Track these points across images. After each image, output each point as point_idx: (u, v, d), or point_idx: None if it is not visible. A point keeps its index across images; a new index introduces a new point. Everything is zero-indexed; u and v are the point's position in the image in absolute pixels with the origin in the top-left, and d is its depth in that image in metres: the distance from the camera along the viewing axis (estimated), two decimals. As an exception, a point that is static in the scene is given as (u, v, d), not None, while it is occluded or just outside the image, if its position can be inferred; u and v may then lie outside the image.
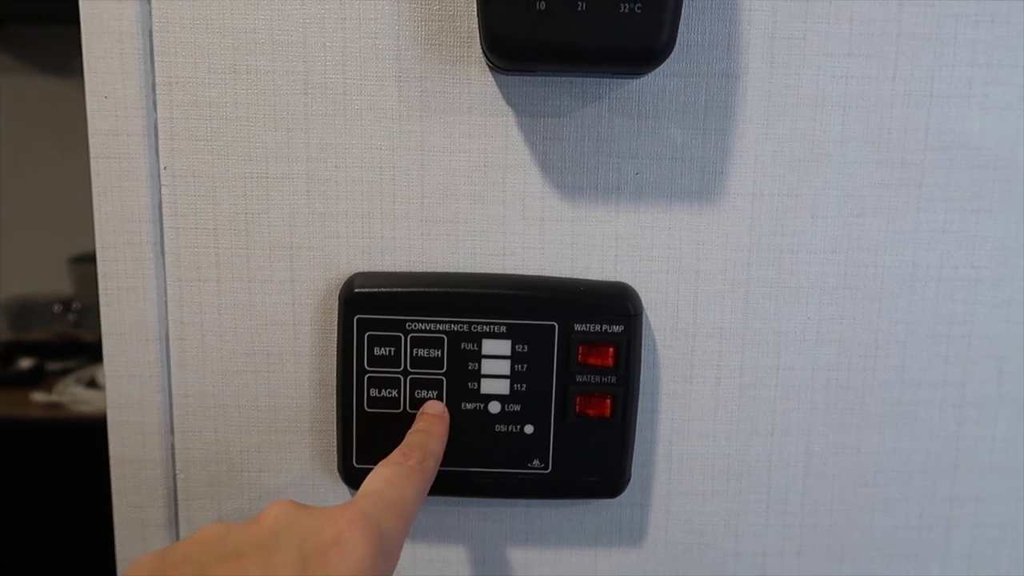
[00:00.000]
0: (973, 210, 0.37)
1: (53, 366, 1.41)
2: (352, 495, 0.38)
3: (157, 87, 0.35)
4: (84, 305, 1.49)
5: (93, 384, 1.34)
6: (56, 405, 1.30)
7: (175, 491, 0.39)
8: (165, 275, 0.37)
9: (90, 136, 0.35)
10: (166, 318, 0.37)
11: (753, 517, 0.39)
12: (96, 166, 0.36)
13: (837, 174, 0.36)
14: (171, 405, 0.38)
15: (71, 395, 1.31)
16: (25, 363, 1.40)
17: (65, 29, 1.58)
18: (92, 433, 1.25)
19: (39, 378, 1.37)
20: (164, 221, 0.36)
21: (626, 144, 0.36)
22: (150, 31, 0.35)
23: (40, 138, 1.68)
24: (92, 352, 1.44)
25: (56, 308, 1.49)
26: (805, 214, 0.37)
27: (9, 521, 1.30)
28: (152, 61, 0.35)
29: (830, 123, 0.36)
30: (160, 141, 0.36)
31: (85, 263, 1.50)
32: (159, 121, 0.36)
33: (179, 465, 0.38)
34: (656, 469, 0.39)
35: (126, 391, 0.37)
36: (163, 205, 0.36)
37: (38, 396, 1.31)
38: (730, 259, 0.37)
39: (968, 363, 0.38)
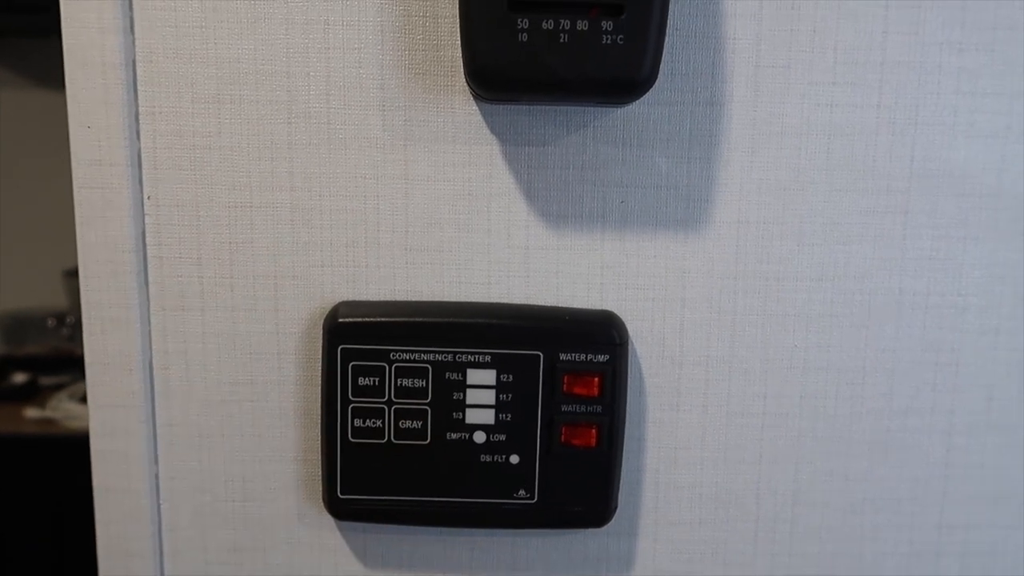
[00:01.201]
0: (959, 238, 0.37)
1: (47, 380, 1.41)
2: (337, 525, 0.38)
3: (140, 117, 0.35)
4: (78, 319, 1.49)
5: (86, 399, 1.34)
6: (49, 421, 1.30)
7: (160, 521, 0.38)
8: (149, 304, 0.37)
9: (73, 166, 0.35)
10: (150, 347, 0.37)
11: (741, 545, 0.39)
12: (79, 196, 0.35)
13: (823, 202, 0.36)
14: (155, 435, 0.37)
15: (64, 411, 1.31)
16: (19, 378, 1.40)
17: (60, 43, 1.59)
18: (85, 449, 1.25)
19: (33, 393, 1.37)
20: (148, 250, 0.36)
21: (611, 172, 0.36)
22: (133, 61, 0.35)
23: (36, 151, 1.68)
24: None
25: (50, 322, 1.49)
26: (791, 242, 0.37)
27: (2, 536, 1.30)
28: (135, 91, 0.35)
29: (815, 151, 0.36)
30: (144, 171, 0.36)
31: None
32: (142, 151, 0.35)
33: (163, 495, 0.38)
34: (643, 498, 0.38)
35: (110, 420, 0.37)
36: (147, 234, 0.36)
37: (31, 412, 1.31)
38: (716, 287, 0.37)
39: (956, 391, 0.38)
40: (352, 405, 0.35)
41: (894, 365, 0.38)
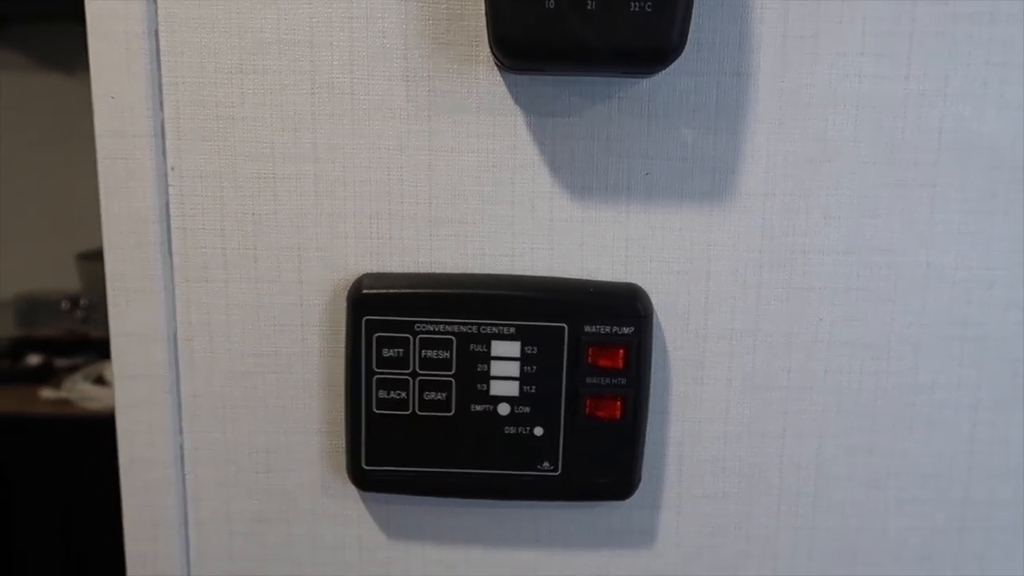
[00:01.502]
0: (988, 211, 0.36)
1: (61, 363, 1.42)
2: (360, 496, 0.38)
3: (164, 87, 0.35)
4: (91, 301, 1.50)
5: (101, 381, 1.35)
6: (64, 402, 1.31)
7: (184, 492, 0.38)
8: (173, 276, 0.37)
9: (97, 137, 0.35)
10: (174, 319, 0.37)
11: (764, 519, 0.39)
12: (103, 167, 0.35)
13: (850, 174, 0.36)
14: (180, 406, 0.38)
15: (79, 392, 1.32)
16: (33, 359, 1.41)
17: (70, 27, 1.59)
18: (100, 430, 1.26)
19: (47, 375, 1.38)
20: (172, 222, 0.36)
21: (636, 144, 0.36)
22: (156, 31, 0.35)
23: (47, 135, 1.68)
24: (100, 349, 1.45)
25: (64, 305, 1.49)
26: (817, 215, 0.36)
27: (17, 517, 1.31)
28: (158, 61, 0.35)
29: (842, 123, 0.36)
30: (167, 141, 0.35)
31: (92, 260, 1.50)
32: (166, 121, 0.35)
33: (188, 466, 0.38)
34: (667, 471, 0.38)
35: (135, 392, 0.37)
36: (170, 206, 0.36)
37: (47, 393, 1.32)
38: (741, 260, 0.37)
39: (983, 365, 0.38)
40: (376, 376, 0.35)
41: (920, 339, 0.37)
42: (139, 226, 0.36)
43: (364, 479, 0.37)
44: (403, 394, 0.36)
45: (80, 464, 1.26)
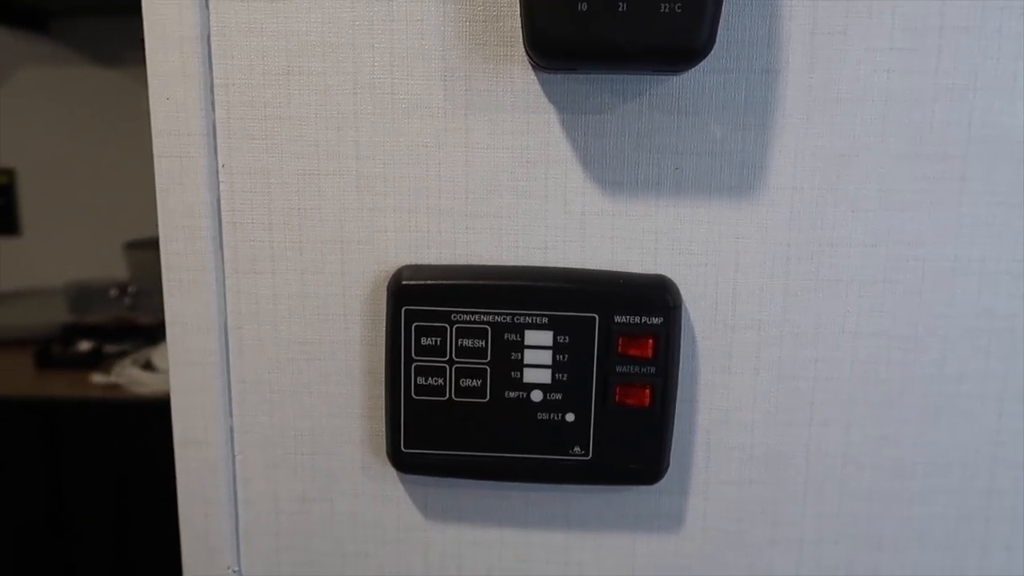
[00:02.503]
0: (1017, 204, 0.37)
1: (110, 349, 1.47)
2: (399, 478, 0.40)
3: (215, 88, 0.37)
4: (139, 289, 1.55)
5: (149, 366, 1.39)
6: (114, 386, 1.35)
7: (234, 471, 0.41)
8: (224, 267, 0.39)
9: (153, 136, 0.37)
10: (225, 308, 0.39)
11: (790, 506, 0.40)
12: (159, 164, 0.38)
13: (878, 168, 0.37)
14: (230, 391, 0.40)
15: (128, 376, 1.36)
16: (84, 345, 1.46)
17: (118, 21, 1.63)
18: (150, 413, 1.30)
19: (97, 360, 1.43)
20: (222, 216, 0.38)
21: (666, 140, 0.37)
22: (208, 35, 0.36)
23: (94, 127, 1.73)
24: (148, 335, 1.49)
25: (113, 292, 1.54)
26: (845, 208, 0.37)
27: (69, 497, 1.36)
28: (210, 64, 0.37)
29: (871, 118, 0.36)
30: (218, 140, 0.37)
31: (140, 249, 1.55)
32: (217, 121, 0.37)
33: (238, 447, 0.40)
34: (695, 457, 0.40)
35: (189, 377, 0.39)
36: (221, 201, 0.38)
37: (97, 377, 1.37)
38: (769, 253, 0.38)
39: (1010, 357, 0.38)
40: (415, 364, 0.37)
41: (947, 331, 0.38)
42: (192, 220, 0.38)
43: (403, 461, 0.38)
44: (440, 381, 0.37)
45: (131, 447, 1.30)
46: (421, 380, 0.37)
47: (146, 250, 1.52)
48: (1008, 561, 0.40)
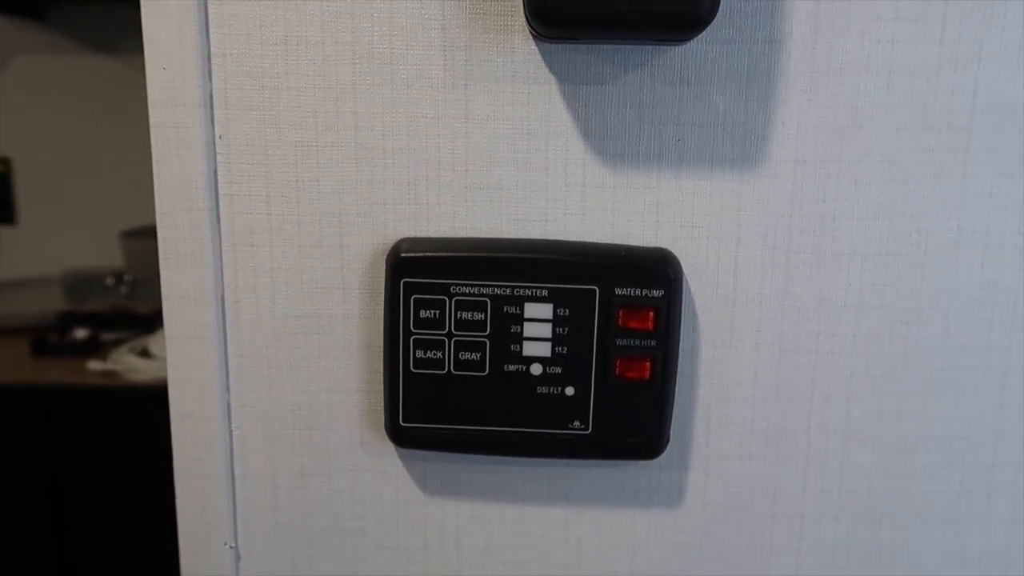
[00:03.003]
0: (1021, 175, 0.36)
1: (107, 337, 1.46)
2: (397, 453, 0.40)
3: (212, 58, 0.36)
4: (136, 278, 1.54)
5: (146, 354, 1.39)
6: (111, 373, 1.35)
7: (232, 447, 0.40)
8: (221, 240, 0.38)
9: (150, 107, 0.37)
10: (222, 282, 0.39)
11: (791, 481, 0.40)
12: (156, 135, 0.37)
13: (881, 140, 0.36)
14: (227, 365, 0.39)
15: (125, 364, 1.36)
16: (80, 334, 1.45)
17: (115, 9, 1.62)
18: (147, 400, 1.30)
19: (94, 348, 1.43)
20: (219, 188, 0.38)
21: (668, 111, 0.36)
22: (205, 4, 0.36)
23: (91, 116, 1.72)
24: (144, 323, 1.49)
25: (109, 281, 1.54)
26: (848, 180, 0.37)
27: (67, 483, 1.36)
28: (208, 33, 0.36)
29: (875, 88, 0.36)
30: (215, 111, 0.37)
31: (136, 237, 1.54)
32: (214, 92, 0.37)
33: (235, 422, 0.40)
34: (695, 432, 0.39)
35: (186, 351, 0.39)
36: (218, 173, 0.38)
37: (94, 364, 1.36)
38: (771, 225, 0.37)
39: (1013, 329, 0.38)
40: (414, 337, 0.37)
41: (950, 304, 0.38)
42: (189, 192, 0.38)
43: (401, 436, 0.38)
44: (439, 354, 0.37)
45: (128, 433, 1.30)
46: (420, 353, 0.37)
47: (142, 239, 1.52)
48: (1009, 536, 0.40)
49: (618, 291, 0.36)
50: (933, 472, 0.39)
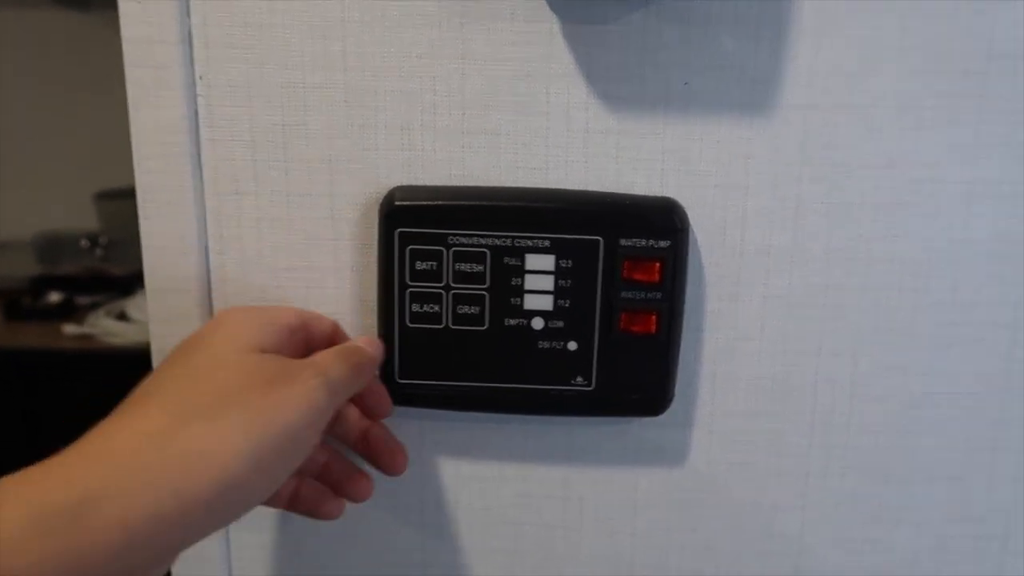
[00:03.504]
0: (1039, 122, 0.35)
1: (82, 300, 1.43)
2: (393, 411, 0.38)
3: (191, -8, 0.34)
4: (111, 240, 1.50)
5: (123, 317, 1.36)
6: (87, 337, 1.32)
7: (217, 406, 0.39)
8: (203, 188, 0.36)
9: (123, 43, 0.34)
10: (205, 232, 0.37)
11: (797, 438, 0.39)
12: (131, 75, 0.35)
13: (895, 84, 0.35)
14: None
15: (102, 327, 1.33)
16: (54, 297, 1.42)
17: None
18: (125, 364, 1.27)
19: (69, 312, 1.39)
20: (200, 132, 0.36)
21: (675, 53, 0.35)
22: (182, -68, 0.33)
23: (64, 74, 1.66)
24: (121, 286, 1.45)
25: (83, 243, 1.50)
26: (860, 127, 0.35)
27: (43, 450, 1.34)
28: (185, -36, 0.34)
29: (889, 31, 0.34)
30: (195, 49, 0.35)
31: (110, 199, 1.50)
32: (193, 28, 0.34)
33: (221, 381, 0.38)
34: (699, 388, 0.38)
35: (167, 305, 0.37)
36: (199, 116, 0.35)
37: (69, 328, 1.33)
38: (780, 174, 0.36)
39: (1025, 283, 0.37)
40: (410, 290, 0.35)
41: (961, 256, 0.37)
42: (168, 137, 0.35)
43: (397, 393, 0.37)
44: (436, 308, 0.35)
45: (105, 397, 1.28)
46: (416, 307, 0.35)
47: (117, 200, 1.47)
48: (1014, 492, 0.39)
49: (623, 242, 0.35)
50: (939, 428, 0.39)
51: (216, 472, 0.26)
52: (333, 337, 0.36)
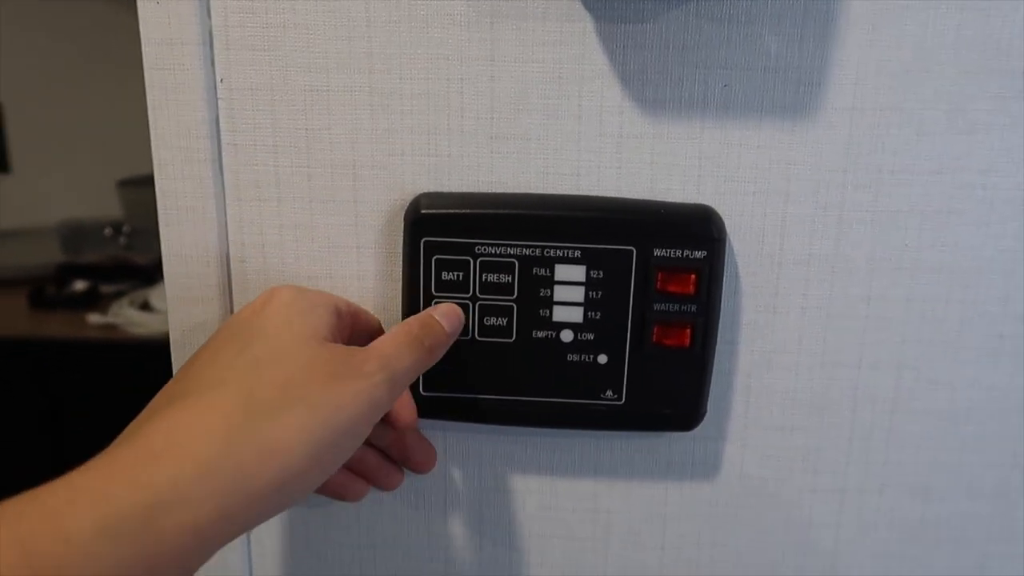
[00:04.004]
0: (1101, 126, 0.33)
1: (106, 289, 1.43)
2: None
3: (211, -9, 0.33)
4: (134, 228, 1.51)
5: (146, 307, 1.36)
6: (111, 327, 1.33)
7: (239, 415, 0.38)
8: (224, 194, 0.35)
9: (143, 45, 0.33)
10: (227, 239, 0.36)
11: (833, 453, 0.37)
12: (150, 77, 0.34)
13: (948, 86, 0.33)
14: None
15: (125, 317, 1.33)
16: (79, 286, 1.43)
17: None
18: (147, 354, 1.28)
19: (93, 300, 1.40)
20: (222, 137, 0.35)
21: (714, 53, 0.33)
22: (202, -71, 0.32)
23: (88, 62, 1.67)
24: (144, 275, 1.46)
25: (107, 231, 1.50)
26: (909, 131, 0.34)
27: (67, 440, 1.35)
28: (205, -37, 0.33)
29: (943, 27, 0.32)
30: (215, 51, 0.34)
31: (133, 186, 1.50)
32: (214, 29, 0.33)
33: (243, 389, 0.38)
34: (733, 402, 0.37)
35: (188, 313, 0.36)
36: (220, 120, 0.34)
37: (93, 318, 1.34)
38: (823, 180, 0.34)
39: (1081, 295, 0.35)
40: (435, 300, 0.34)
41: (1014, 266, 0.35)
42: (188, 141, 0.34)
43: (422, 405, 0.36)
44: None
45: (128, 388, 1.28)
46: (442, 318, 0.34)
47: (141, 188, 1.47)
48: (1062, 511, 0.38)
49: (657, 252, 0.33)
50: (986, 445, 0.37)
51: (278, 467, 0.26)
52: (375, 335, 0.35)
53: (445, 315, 0.33)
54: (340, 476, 0.35)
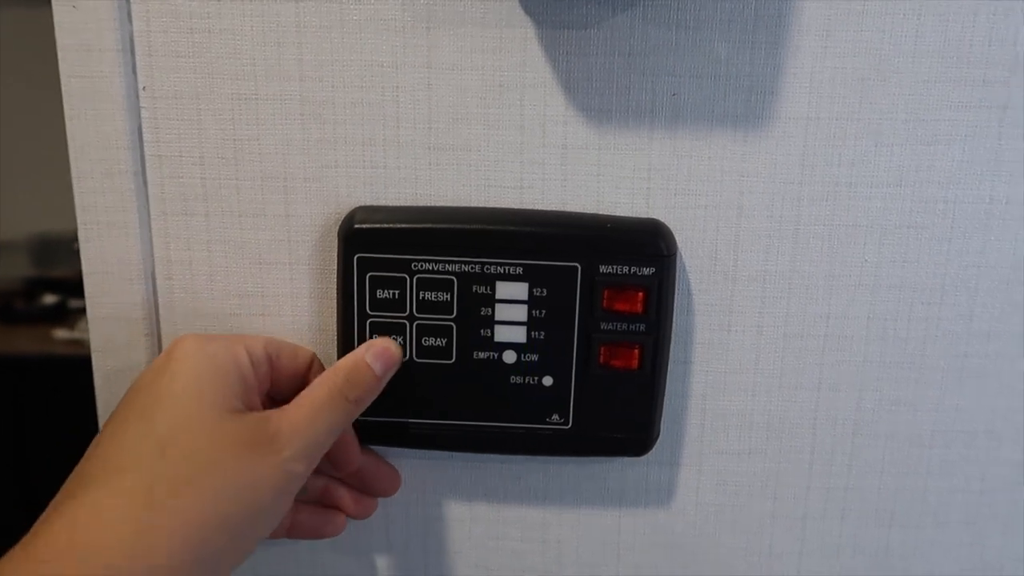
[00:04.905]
0: (1065, 137, 0.32)
1: (76, 303, 1.41)
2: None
3: (131, -5, 0.31)
4: (105, 242, 1.48)
5: (114, 321, 1.34)
6: (79, 342, 1.30)
7: (168, 441, 0.36)
8: (149, 208, 0.33)
9: (59, 52, 0.32)
10: (151, 255, 0.34)
11: (793, 478, 0.36)
12: (67, 85, 0.32)
13: (907, 95, 0.32)
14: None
15: (94, 332, 1.31)
16: (48, 299, 1.40)
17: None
18: (112, 371, 1.25)
19: (62, 314, 1.38)
20: (145, 148, 0.33)
21: (662, 60, 0.32)
22: (120, -71, 0.31)
23: (57, 74, 1.64)
24: (114, 289, 1.44)
25: (76, 245, 1.48)
26: (867, 141, 0.32)
27: (33, 457, 1.32)
28: (124, -36, 0.31)
29: (901, 34, 0.31)
30: (137, 57, 0.32)
31: (105, 199, 1.48)
32: (135, 34, 0.32)
33: (171, 414, 0.36)
34: (688, 425, 0.35)
35: (111, 334, 0.34)
36: (143, 130, 0.33)
37: (61, 332, 1.31)
38: (778, 193, 0.33)
39: (1047, 313, 0.34)
40: (371, 320, 0.32)
41: (978, 283, 0.33)
42: (109, 153, 0.33)
43: (361, 432, 0.34)
44: (399, 339, 0.32)
45: (94, 404, 1.26)
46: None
47: (113, 200, 1.45)
48: (1032, 538, 0.36)
49: (603, 268, 0.32)
50: (951, 468, 0.36)
51: (182, 545, 0.26)
52: (307, 375, 0.33)
53: (378, 356, 0.31)
54: (313, 517, 0.34)
